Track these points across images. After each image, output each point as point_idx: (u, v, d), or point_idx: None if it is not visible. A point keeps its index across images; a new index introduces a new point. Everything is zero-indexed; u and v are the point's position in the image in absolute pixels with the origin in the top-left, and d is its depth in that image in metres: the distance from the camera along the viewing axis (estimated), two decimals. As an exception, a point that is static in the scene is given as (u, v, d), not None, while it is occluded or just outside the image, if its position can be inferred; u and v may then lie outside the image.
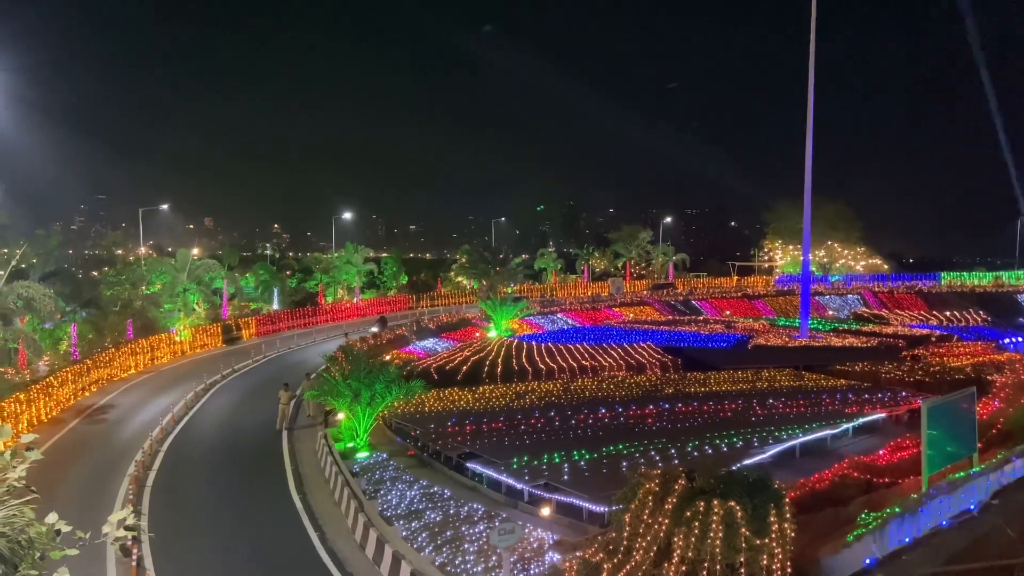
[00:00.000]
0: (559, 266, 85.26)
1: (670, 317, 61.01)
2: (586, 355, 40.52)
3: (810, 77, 45.07)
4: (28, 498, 6.87)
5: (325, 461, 23.81)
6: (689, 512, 12.05)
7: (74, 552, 7.00)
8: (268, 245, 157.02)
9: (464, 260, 78.21)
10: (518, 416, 27.91)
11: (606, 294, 73.47)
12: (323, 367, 30.47)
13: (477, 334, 50.66)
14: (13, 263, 33.09)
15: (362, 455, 24.20)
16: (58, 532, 7.04)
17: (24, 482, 7.62)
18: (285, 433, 28.06)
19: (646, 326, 53.87)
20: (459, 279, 78.46)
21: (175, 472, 23.57)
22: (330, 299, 66.73)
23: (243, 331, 52.23)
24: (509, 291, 65.57)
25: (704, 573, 11.58)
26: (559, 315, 59.50)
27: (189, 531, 18.88)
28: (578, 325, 56.46)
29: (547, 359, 39.27)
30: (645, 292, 66.72)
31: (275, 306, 61.12)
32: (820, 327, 53.05)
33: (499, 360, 37.95)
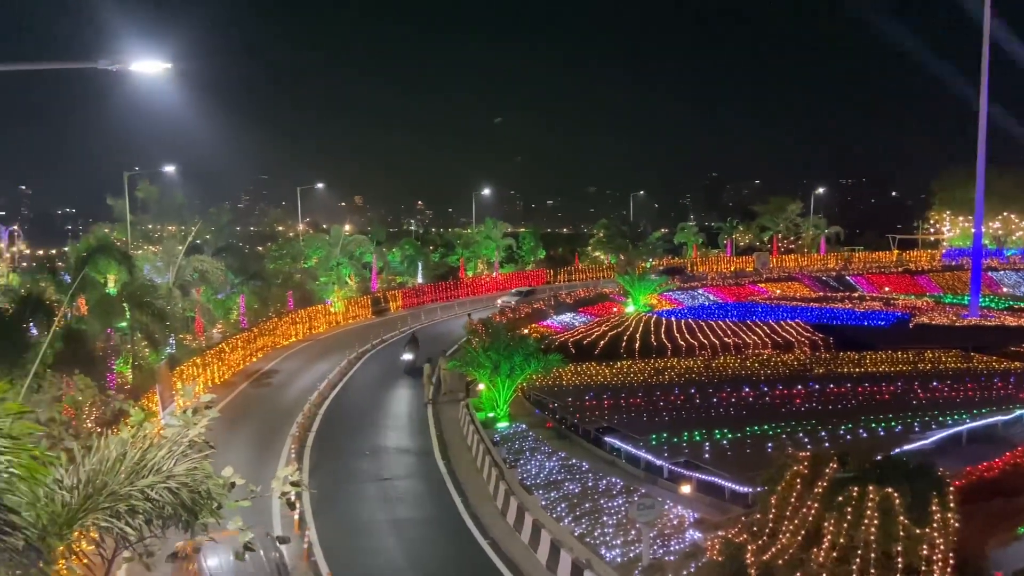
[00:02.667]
0: (700, 240, 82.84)
1: (821, 294, 57.92)
2: (729, 332, 39.28)
3: (985, 32, 40.90)
4: (206, 452, 7.59)
5: (467, 429, 24.61)
6: (842, 497, 11.51)
7: (247, 504, 7.69)
8: (412, 221, 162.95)
9: (602, 234, 77.62)
10: (657, 392, 27.59)
11: (750, 269, 70.70)
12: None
13: (615, 309, 50.33)
14: (190, 239, 36.23)
15: (502, 425, 24.82)
16: (233, 485, 7.75)
17: (203, 438, 8.43)
18: (430, 403, 29.24)
19: (794, 303, 51.47)
20: (596, 253, 78.06)
21: (331, 434, 25.17)
22: (470, 273, 68.41)
23: (390, 303, 54.65)
24: (648, 265, 64.50)
25: (857, 560, 11.05)
26: (700, 291, 57.94)
27: (344, 489, 20.15)
28: (720, 301, 54.78)
29: (687, 335, 38.43)
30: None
31: (419, 279, 63.42)
32: (993, 305, 48.58)
33: (637, 335, 37.55)
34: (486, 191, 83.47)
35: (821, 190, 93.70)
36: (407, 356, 34.11)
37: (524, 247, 74.97)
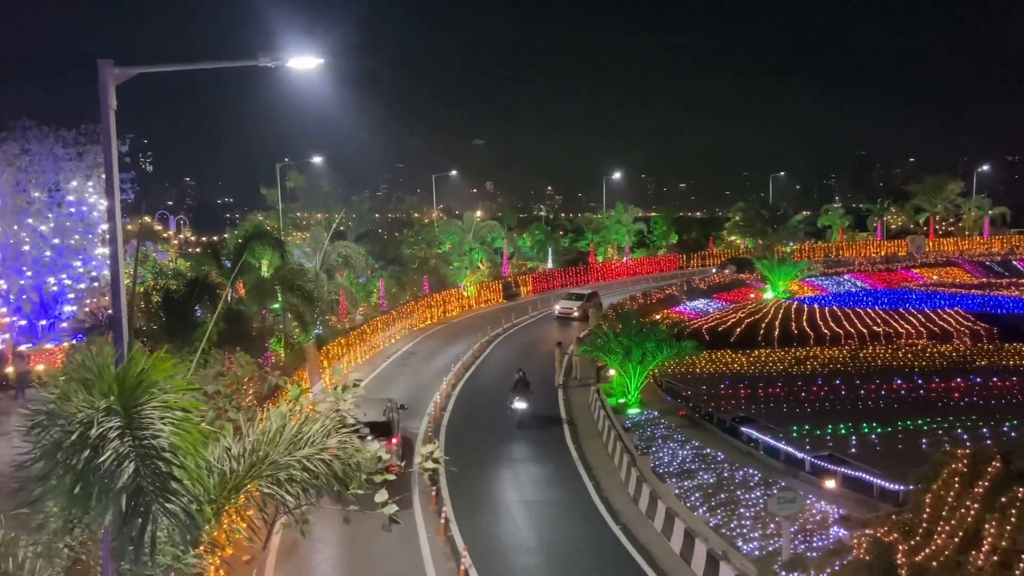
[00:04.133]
0: (847, 223, 78.24)
1: (984, 280, 53.33)
2: (878, 320, 36.96)
3: None
4: (356, 428, 8.02)
5: (598, 415, 24.60)
6: (1005, 498, 10.63)
7: (392, 478, 8.08)
8: (542, 206, 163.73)
9: (738, 218, 74.93)
10: (798, 383, 26.47)
11: (903, 253, 66.08)
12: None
13: (751, 295, 48.56)
14: (335, 226, 38.21)
15: (633, 411, 24.62)
16: (379, 459, 8.17)
17: (351, 414, 8.91)
18: (560, 387, 29.46)
19: (953, 290, 47.69)
20: (732, 238, 75.50)
21: (465, 414, 25.89)
22: (600, 258, 68.05)
23: (521, 288, 55.35)
24: (788, 250, 61.62)
25: (1021, 566, 10.18)
26: (846, 276, 54.87)
27: (478, 467, 20.71)
28: (868, 287, 51.65)
29: (831, 323, 36.51)
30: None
31: (549, 264, 63.78)
32: None
33: (776, 323, 36.08)
34: (617, 175, 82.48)
35: (985, 167, 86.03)
36: (520, 404, 24.35)
37: (656, 231, 73.65)
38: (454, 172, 79.90)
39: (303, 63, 7.71)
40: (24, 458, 5.52)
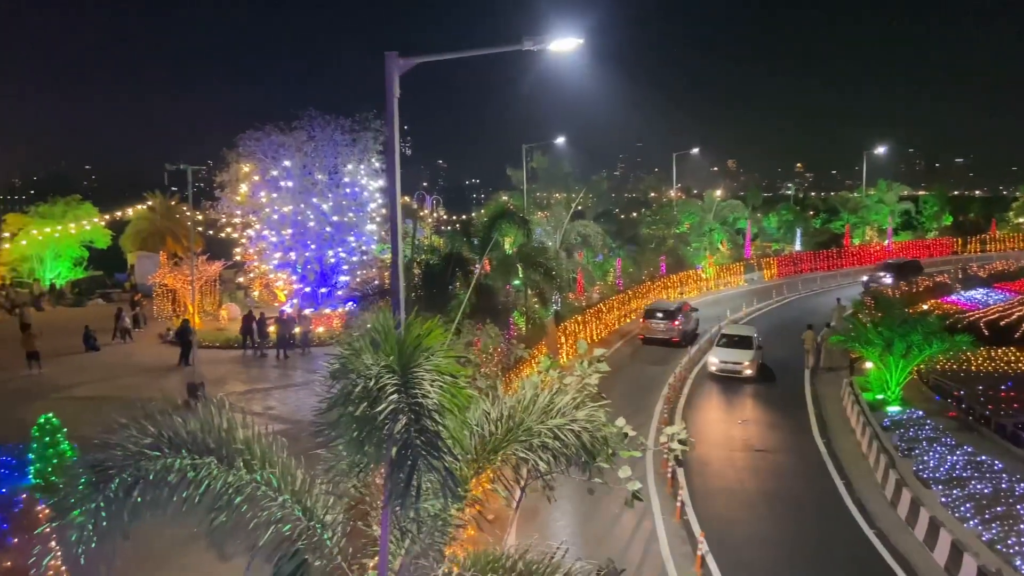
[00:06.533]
0: None
1: None
2: None
3: None
4: (601, 403, 8.18)
5: (851, 410, 22.82)
6: None
7: (638, 455, 8.15)
8: (790, 185, 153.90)
9: (1030, 196, 64.99)
10: (1106, 389, 22.50)
11: None
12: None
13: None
14: (574, 205, 39.02)
15: (893, 409, 22.48)
16: (625, 435, 8.27)
17: (596, 389, 9.09)
18: (807, 375, 27.73)
19: None
20: (1020, 220, 65.67)
21: (702, 397, 25.32)
22: (856, 241, 62.58)
23: (764, 271, 52.70)
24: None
25: None
26: None
27: (715, 453, 20.19)
28: None
29: None
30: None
31: (797, 247, 59.95)
32: None
33: (1078, 319, 30.88)
34: (879, 150, 74.94)
35: None
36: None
37: (925, 212, 66.16)
38: (695, 150, 77.47)
39: (564, 44, 7.92)
40: (322, 404, 6.34)
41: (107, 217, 49.21)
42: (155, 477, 5.99)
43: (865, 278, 44.75)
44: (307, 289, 36.32)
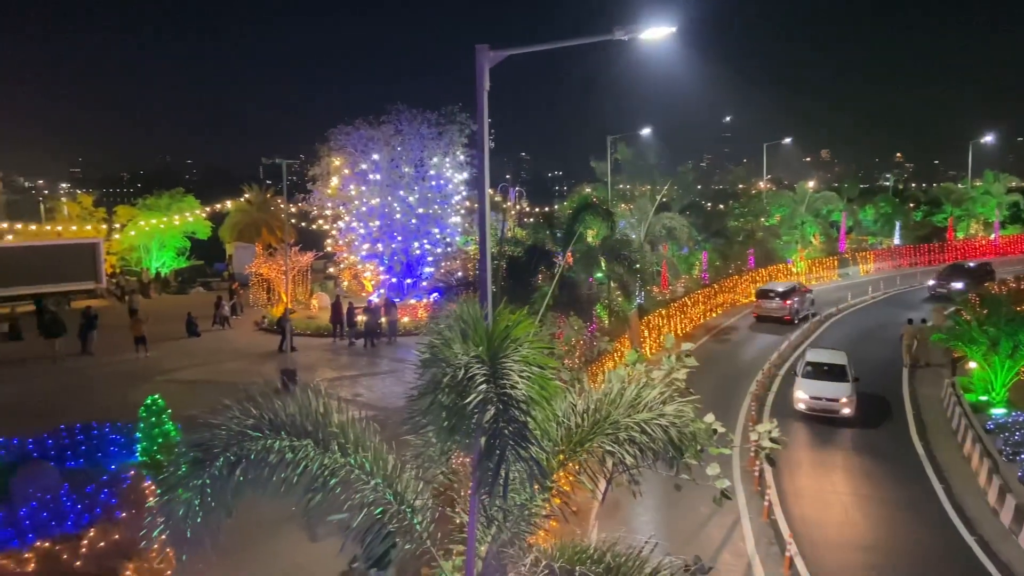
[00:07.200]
0: None
1: None
2: None
3: None
4: (690, 398, 8.07)
5: (952, 411, 21.72)
6: None
7: (728, 452, 8.01)
8: (889, 176, 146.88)
9: None
10: None
11: None
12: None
13: None
14: (659, 197, 38.39)
15: (998, 412, 21.24)
16: (715, 432, 8.14)
17: (684, 384, 8.98)
18: (905, 374, 26.54)
19: None
20: None
21: (792, 396, 24.55)
22: (960, 235, 59.31)
23: (860, 265, 50.68)
24: None
25: None
26: None
27: (804, 454, 19.58)
28: None
29: None
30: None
31: (896, 241, 57.31)
32: None
33: None
34: (987, 139, 70.69)
35: None
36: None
37: (1037, 204, 62.06)
38: (787, 140, 74.91)
39: (655, 33, 7.80)
40: (411, 392, 6.50)
41: (207, 209, 51.66)
42: (256, 457, 6.29)
43: (931, 282, 41.05)
44: (393, 280, 37.17)
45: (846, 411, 21.64)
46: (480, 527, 6.69)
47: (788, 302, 34.68)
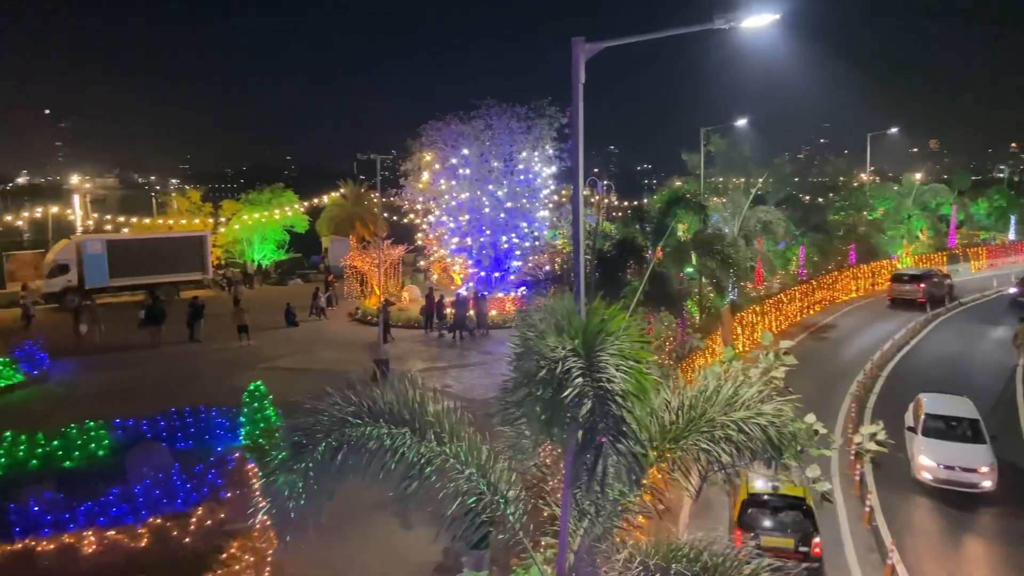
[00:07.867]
0: None
1: None
2: None
3: None
4: (790, 398, 7.81)
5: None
6: None
7: (830, 453, 7.72)
8: (1003, 167, 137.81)
9: None
10: None
11: None
12: None
13: None
14: (755, 190, 37.21)
15: None
16: (816, 432, 7.86)
17: (783, 383, 8.70)
18: (1019, 373, 24.92)
19: None
20: None
21: (895, 399, 23.39)
22: (1087, 230, 55.15)
23: (971, 262, 47.83)
24: None
25: None
26: None
27: (907, 461, 18.63)
28: None
29: None
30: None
31: (1011, 236, 53.77)
32: None
33: None
34: (1118, 124, 65.18)
35: None
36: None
37: None
38: (894, 130, 71.17)
39: (757, 21, 7.55)
40: (502, 384, 6.55)
41: (305, 203, 53.59)
42: (356, 443, 6.48)
43: (1013, 290, 36.84)
44: (482, 273, 37.54)
45: (987, 484, 16.36)
46: (572, 520, 6.68)
47: (921, 285, 36.29)
